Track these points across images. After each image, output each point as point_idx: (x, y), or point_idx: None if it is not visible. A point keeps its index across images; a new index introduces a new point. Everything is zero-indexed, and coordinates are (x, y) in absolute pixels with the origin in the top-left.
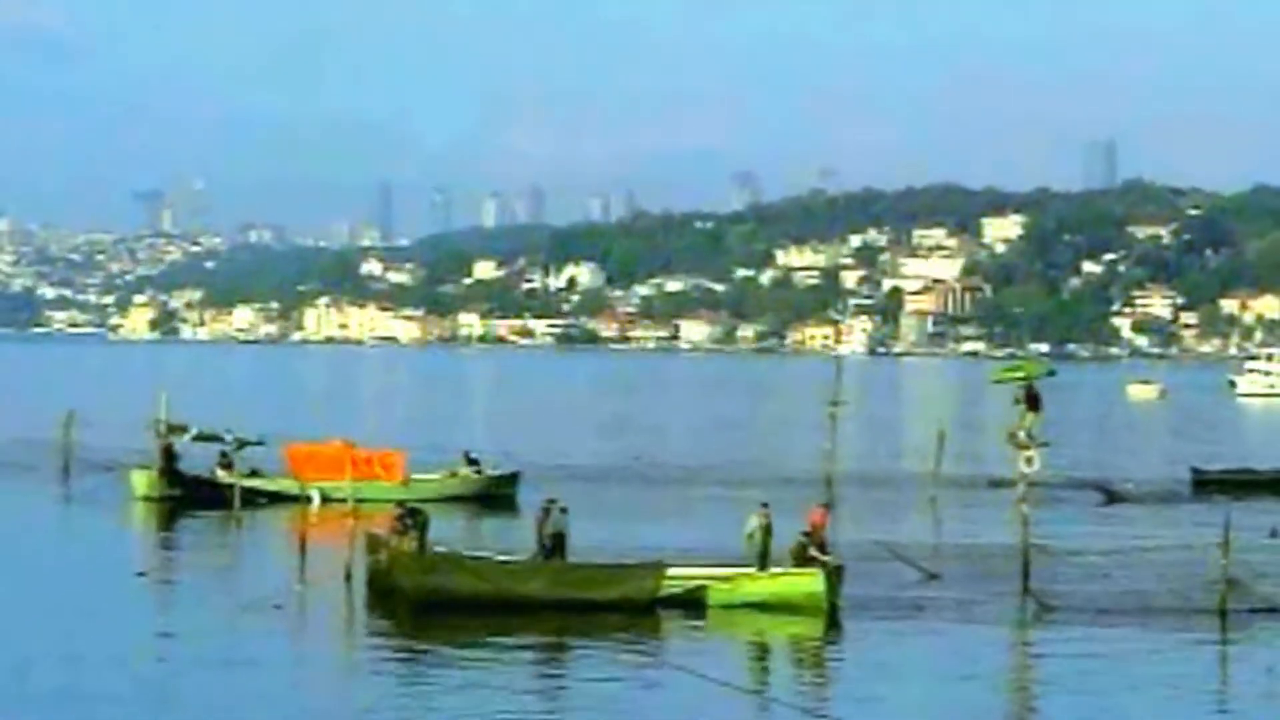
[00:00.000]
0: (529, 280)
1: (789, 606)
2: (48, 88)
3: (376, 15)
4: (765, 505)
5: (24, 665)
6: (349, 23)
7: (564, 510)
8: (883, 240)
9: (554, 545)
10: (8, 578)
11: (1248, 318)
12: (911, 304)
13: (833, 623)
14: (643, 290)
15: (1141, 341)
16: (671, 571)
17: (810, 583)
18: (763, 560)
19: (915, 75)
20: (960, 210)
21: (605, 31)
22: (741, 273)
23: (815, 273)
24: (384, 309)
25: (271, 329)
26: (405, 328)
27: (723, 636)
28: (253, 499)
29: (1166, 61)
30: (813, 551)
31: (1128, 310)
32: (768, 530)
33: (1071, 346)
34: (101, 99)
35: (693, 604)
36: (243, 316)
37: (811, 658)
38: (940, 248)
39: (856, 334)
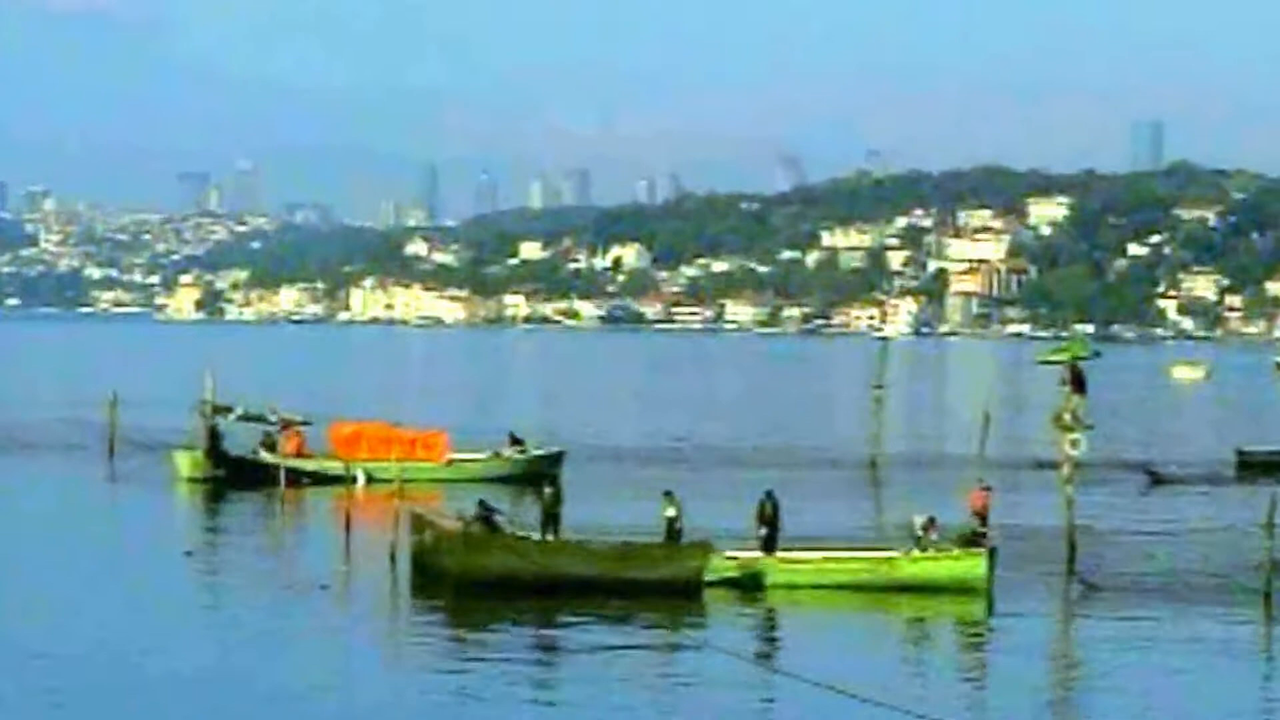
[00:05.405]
0: (574, 261)
1: (947, 589)
2: (98, 69)
3: None
4: (933, 520)
5: (72, 644)
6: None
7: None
8: (928, 221)
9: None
10: (56, 556)
11: None
12: (956, 285)
13: (990, 604)
14: (688, 271)
15: (1187, 323)
16: (730, 553)
17: (972, 565)
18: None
19: (961, 57)
20: (1006, 191)
21: (653, 12)
22: (787, 254)
23: (860, 254)
24: (429, 289)
25: (317, 309)
26: (450, 308)
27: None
28: (297, 479)
29: (1213, 43)
30: (977, 531)
31: (1173, 292)
32: (927, 529)
33: (1116, 328)
34: (150, 79)
35: (747, 585)
36: (288, 297)
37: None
38: (985, 229)
39: (901, 315)
